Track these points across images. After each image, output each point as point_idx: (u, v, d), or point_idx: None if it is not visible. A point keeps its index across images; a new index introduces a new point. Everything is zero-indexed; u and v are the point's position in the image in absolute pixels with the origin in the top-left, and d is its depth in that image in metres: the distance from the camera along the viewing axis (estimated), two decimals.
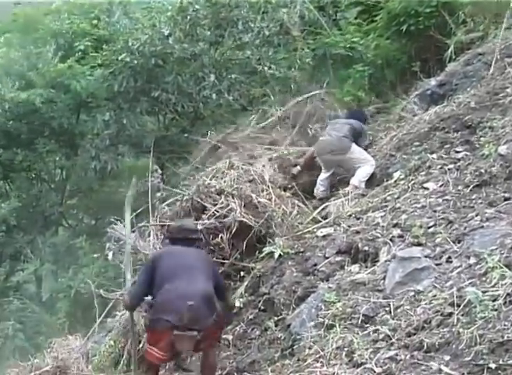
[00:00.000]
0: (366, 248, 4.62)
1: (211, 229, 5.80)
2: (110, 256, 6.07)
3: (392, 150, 6.51)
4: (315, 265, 4.92)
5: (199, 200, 6.07)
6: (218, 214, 5.83)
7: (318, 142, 6.98)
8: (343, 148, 6.60)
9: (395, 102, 8.15)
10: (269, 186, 6.31)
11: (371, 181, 6.38)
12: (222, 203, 5.91)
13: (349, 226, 5.18)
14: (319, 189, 6.84)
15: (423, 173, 5.39)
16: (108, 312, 6.39)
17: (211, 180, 6.30)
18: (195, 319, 4.13)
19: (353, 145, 6.63)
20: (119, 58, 9.38)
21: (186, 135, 10.09)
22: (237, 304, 5.33)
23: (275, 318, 4.83)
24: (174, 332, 4.14)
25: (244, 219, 5.75)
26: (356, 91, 8.66)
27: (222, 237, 5.72)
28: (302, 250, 5.29)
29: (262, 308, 5.15)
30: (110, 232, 6.10)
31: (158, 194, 6.63)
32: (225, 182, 6.19)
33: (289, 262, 5.18)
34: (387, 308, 3.74)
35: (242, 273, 5.77)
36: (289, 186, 6.76)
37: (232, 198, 5.96)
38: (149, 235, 6.12)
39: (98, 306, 6.43)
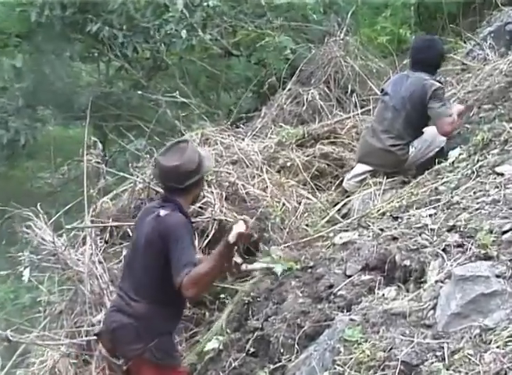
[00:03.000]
0: (407, 263, 4.59)
1: None
2: (26, 275, 6.01)
3: None
4: (331, 286, 4.90)
5: (159, 190, 6.04)
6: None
7: (361, 140, 6.97)
8: (395, 164, 6.58)
9: (455, 45, 8.13)
10: (263, 169, 6.28)
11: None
12: None
13: (381, 230, 5.15)
14: (352, 179, 6.82)
15: (495, 150, 5.37)
16: (17, 360, 6.34)
17: None
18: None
19: (411, 151, 6.55)
20: None
21: (140, 92, 10.05)
22: (214, 345, 5.30)
23: (271, 366, 4.77)
24: None
25: (226, 218, 5.72)
26: (396, 27, 8.63)
27: None
28: (311, 264, 5.27)
29: (252, 350, 5.11)
30: (27, 236, 6.05)
31: (100, 182, 6.58)
32: None
33: (293, 283, 5.15)
34: (438, 353, 3.70)
35: (221, 298, 5.79)
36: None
37: (209, 186, 5.93)
38: (84, 243, 6.08)
39: (2, 352, 6.39)
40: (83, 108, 9.48)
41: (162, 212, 4.43)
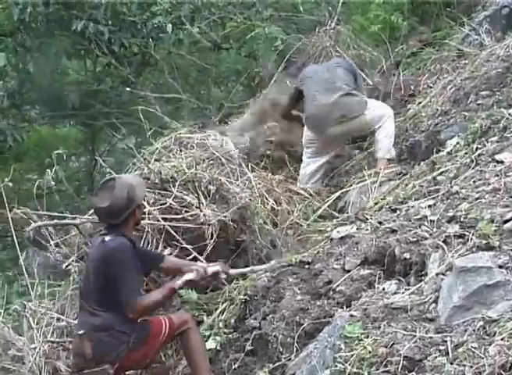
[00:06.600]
0: (407, 256, 4.59)
1: None
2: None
3: (446, 104, 6.52)
4: (329, 282, 4.90)
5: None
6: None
7: (309, 110, 6.94)
8: (357, 107, 6.58)
9: (450, 30, 8.11)
10: (247, 166, 6.32)
11: (413, 153, 6.34)
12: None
13: (380, 223, 5.14)
14: (308, 180, 6.86)
15: (494, 138, 5.36)
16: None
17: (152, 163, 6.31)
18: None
19: (368, 99, 6.69)
20: None
21: (128, 89, 10.03)
22: (212, 345, 5.29)
23: (271, 365, 4.78)
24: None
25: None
26: (388, 14, 8.59)
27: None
28: (309, 260, 5.26)
29: (250, 350, 5.11)
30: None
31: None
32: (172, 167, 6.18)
33: (290, 279, 5.15)
34: (442, 347, 3.69)
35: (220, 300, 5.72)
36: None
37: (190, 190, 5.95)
38: None
39: None
40: (72, 107, 9.47)
41: (107, 238, 4.80)
